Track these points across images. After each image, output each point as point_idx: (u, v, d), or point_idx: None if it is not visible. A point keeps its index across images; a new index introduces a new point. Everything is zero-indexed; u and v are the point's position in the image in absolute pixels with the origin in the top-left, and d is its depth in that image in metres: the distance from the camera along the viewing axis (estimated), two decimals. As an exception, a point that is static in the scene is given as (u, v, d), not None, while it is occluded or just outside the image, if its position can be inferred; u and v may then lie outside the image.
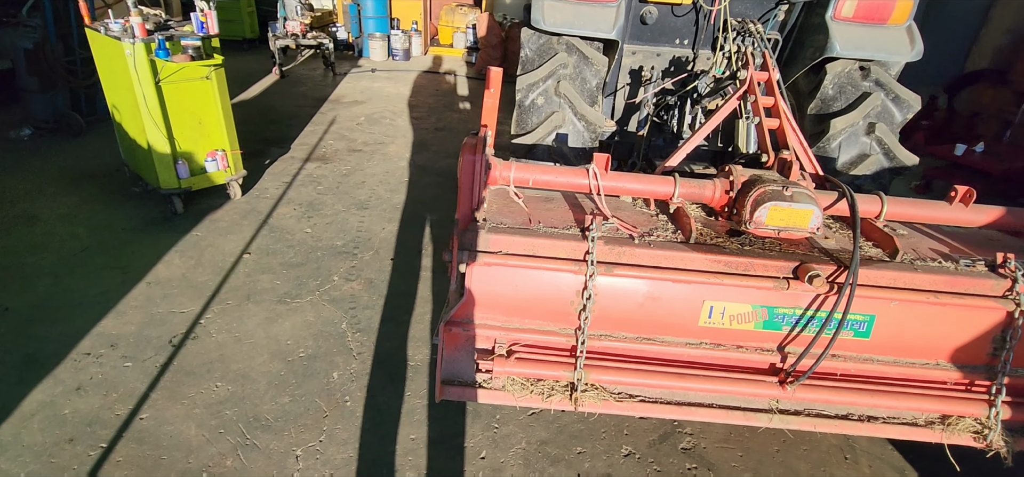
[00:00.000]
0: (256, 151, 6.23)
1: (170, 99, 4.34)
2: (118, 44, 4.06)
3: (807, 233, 2.17)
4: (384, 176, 5.88)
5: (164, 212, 4.80)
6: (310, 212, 5.02)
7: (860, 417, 2.25)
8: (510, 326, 2.24)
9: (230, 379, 3.08)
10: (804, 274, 2.03)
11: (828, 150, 3.28)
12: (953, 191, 2.32)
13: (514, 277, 2.18)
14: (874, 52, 3.21)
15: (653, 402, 2.28)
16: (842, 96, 3.35)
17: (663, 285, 2.14)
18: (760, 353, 2.21)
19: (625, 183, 2.35)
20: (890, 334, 2.16)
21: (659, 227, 2.32)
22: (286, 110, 7.93)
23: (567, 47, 3.34)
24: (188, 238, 4.46)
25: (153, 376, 3.07)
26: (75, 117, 6.50)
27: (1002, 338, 2.12)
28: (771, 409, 2.25)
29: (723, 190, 2.33)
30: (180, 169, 4.62)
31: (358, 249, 4.45)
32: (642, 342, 2.23)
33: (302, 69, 10.46)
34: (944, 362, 2.21)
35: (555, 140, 3.26)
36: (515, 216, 2.30)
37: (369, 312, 3.69)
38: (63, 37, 6.39)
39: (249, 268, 4.12)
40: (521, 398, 2.26)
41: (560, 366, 2.23)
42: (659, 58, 3.76)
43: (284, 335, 3.44)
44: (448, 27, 12.62)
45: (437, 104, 8.76)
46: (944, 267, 2.15)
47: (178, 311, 3.61)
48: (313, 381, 3.09)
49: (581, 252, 2.11)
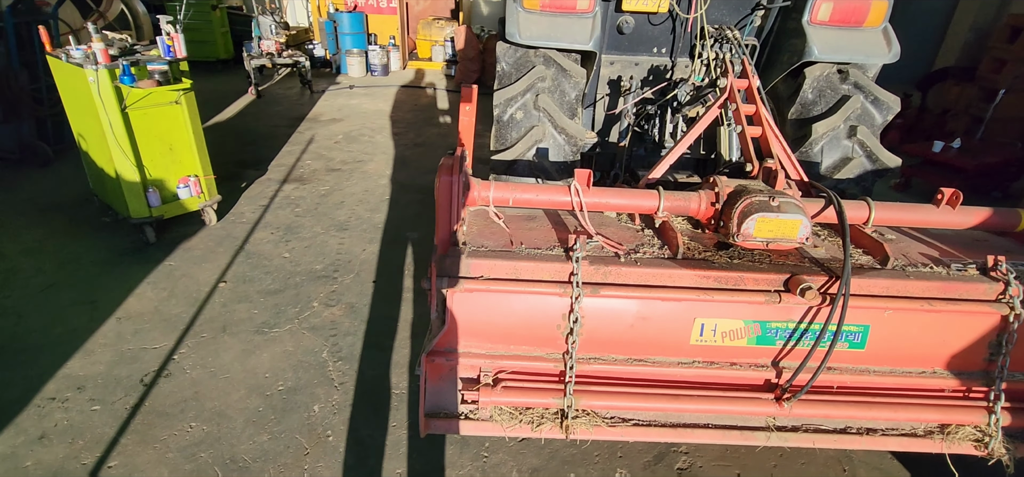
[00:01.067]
0: (232, 174, 6.07)
1: (138, 126, 4.19)
2: (81, 71, 3.91)
3: (796, 243, 2.11)
4: (363, 195, 5.77)
5: (136, 242, 4.63)
6: (288, 236, 4.88)
7: (858, 430, 2.19)
8: (495, 353, 2.15)
9: (205, 418, 2.93)
10: (796, 286, 1.97)
11: (810, 155, 3.25)
12: (940, 193, 2.29)
13: (497, 302, 2.09)
14: (851, 55, 3.20)
15: (647, 425, 2.20)
16: (822, 100, 3.34)
17: (652, 304, 2.07)
18: (754, 370, 2.14)
19: (608, 199, 2.28)
20: (885, 344, 2.11)
21: (645, 243, 2.26)
22: (262, 131, 7.78)
23: (544, 60, 3.28)
24: (161, 268, 4.29)
25: (123, 419, 2.91)
26: (42, 146, 6.28)
27: (998, 343, 2.08)
28: (768, 426, 2.18)
29: (709, 202, 2.27)
30: (151, 197, 4.46)
31: (338, 272, 4.32)
32: (633, 364, 2.15)
33: (279, 88, 10.30)
34: (941, 370, 2.16)
35: (536, 155, 3.19)
36: (496, 238, 2.22)
37: (351, 339, 3.56)
38: (28, 64, 6.18)
39: (225, 297, 3.97)
40: (509, 428, 2.16)
41: (549, 393, 2.14)
42: (638, 67, 3.72)
43: (262, 368, 3.30)
44: (426, 41, 12.56)
45: (416, 119, 8.67)
46: (936, 273, 2.11)
47: (150, 347, 3.45)
48: (293, 416, 2.96)
49: (566, 273, 2.03)
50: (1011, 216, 2.33)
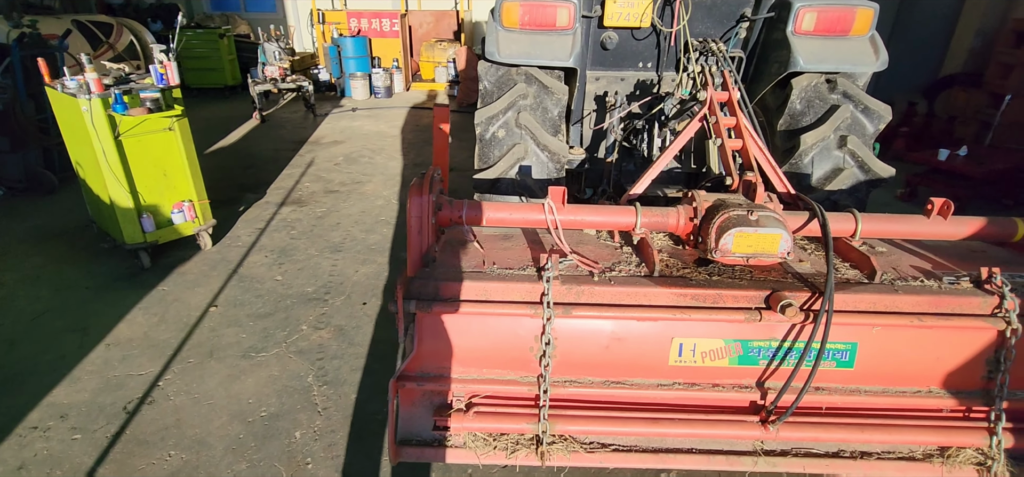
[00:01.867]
0: (231, 198, 6.12)
1: (131, 152, 4.23)
2: (75, 101, 3.97)
3: (778, 258, 2.03)
4: (360, 216, 5.76)
5: (131, 268, 4.66)
6: (282, 258, 4.87)
7: (852, 454, 2.08)
8: (467, 377, 2.08)
9: (185, 446, 2.89)
10: (776, 303, 1.88)
11: (800, 166, 3.17)
12: (929, 203, 2.19)
13: (468, 325, 2.03)
14: (838, 64, 3.13)
15: (627, 450, 2.10)
16: (810, 110, 3.26)
17: (627, 324, 2.00)
18: (738, 391, 2.04)
19: (583, 216, 2.22)
20: (875, 362, 2.01)
21: (622, 261, 2.19)
22: (264, 154, 7.86)
23: (526, 78, 3.25)
24: (153, 293, 4.30)
25: (102, 449, 2.88)
26: (48, 175, 6.40)
27: (995, 359, 1.97)
28: (755, 451, 2.08)
29: (687, 217, 2.20)
30: (145, 223, 4.49)
31: (329, 294, 4.29)
32: (610, 386, 2.07)
33: (283, 112, 10.44)
34: (937, 389, 2.04)
35: (519, 173, 3.14)
36: (468, 258, 2.17)
37: (337, 363, 3.51)
38: (34, 96, 6.33)
39: (214, 322, 3.96)
40: (484, 455, 2.08)
41: (523, 417, 2.06)
42: (623, 83, 3.68)
43: (246, 393, 3.26)
44: (429, 62, 12.69)
45: (417, 140, 8.71)
46: (926, 286, 2.01)
47: (136, 373, 3.43)
48: (273, 443, 2.91)
49: (536, 294, 1.97)
50: (1008, 226, 2.22)
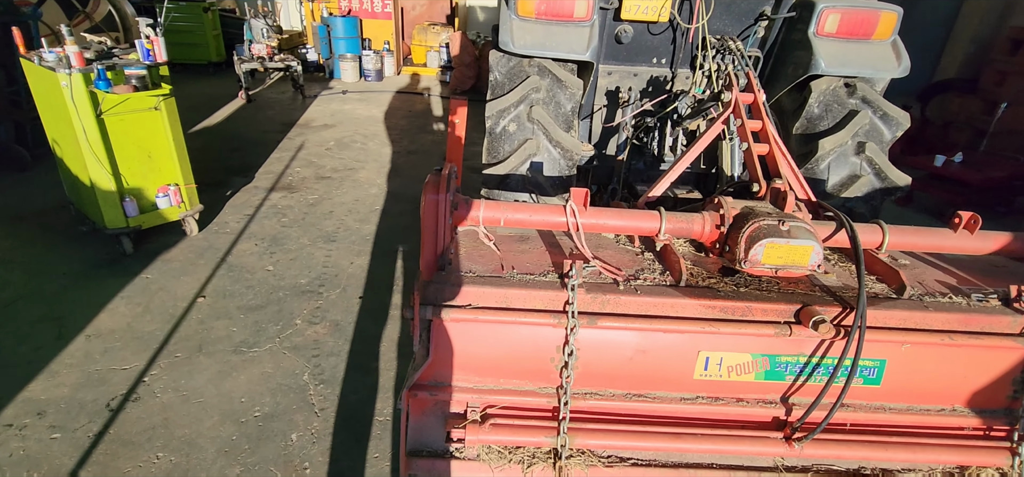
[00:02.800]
0: (217, 182, 5.89)
1: (114, 132, 4.01)
2: (53, 75, 3.73)
3: (808, 271, 1.96)
4: (353, 205, 5.60)
5: (111, 254, 4.44)
6: (273, 247, 4.70)
7: (873, 471, 2.04)
8: (483, 388, 1.98)
9: (173, 448, 2.75)
10: (808, 318, 1.82)
11: (816, 172, 3.11)
12: (957, 217, 2.15)
13: (486, 333, 1.93)
14: (860, 69, 3.07)
15: (647, 465, 2.03)
16: (829, 115, 3.20)
17: (653, 336, 1.91)
18: (762, 406, 1.98)
19: (606, 220, 2.12)
20: (902, 380, 1.96)
21: (645, 268, 2.10)
22: (251, 136, 7.61)
23: (539, 70, 3.12)
24: (136, 282, 4.11)
25: (84, 449, 2.72)
26: (20, 150, 6.09)
27: (1022, 380, 1.94)
28: (776, 467, 2.03)
29: (713, 225, 2.12)
30: (128, 206, 4.28)
31: (324, 287, 4.15)
32: (632, 399, 1.99)
33: (270, 92, 10.13)
34: (961, 407, 2.01)
35: (529, 169, 3.03)
36: (486, 262, 2.06)
37: (334, 360, 3.39)
38: (4, 66, 6.00)
39: (203, 314, 3.79)
40: (498, 469, 1.99)
41: (541, 430, 1.97)
42: (636, 78, 3.58)
43: (238, 391, 3.12)
44: (421, 46, 12.43)
45: (410, 126, 8.52)
46: (956, 303, 1.96)
47: (119, 368, 3.26)
48: (269, 445, 2.78)
49: (560, 302, 1.87)
50: (1033, 242, 2.19)
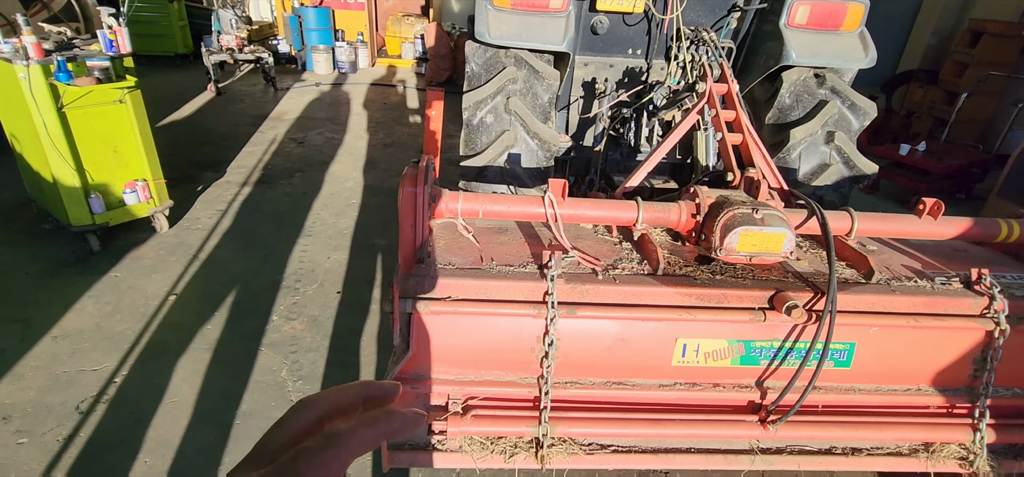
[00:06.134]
0: (187, 177, 5.74)
1: (77, 126, 3.87)
2: (10, 67, 3.57)
3: (780, 257, 2.01)
4: (329, 199, 5.52)
5: (78, 252, 4.30)
6: (247, 243, 4.61)
7: (843, 450, 2.11)
8: (464, 379, 1.98)
9: (148, 449, 2.68)
10: (781, 304, 1.87)
11: (788, 161, 3.19)
12: (921, 203, 2.22)
13: (467, 325, 1.93)
14: (829, 59, 3.15)
15: (627, 451, 2.07)
16: (799, 105, 3.28)
17: (632, 324, 1.94)
18: (738, 391, 2.03)
19: (585, 210, 2.14)
20: (871, 362, 2.03)
21: (623, 257, 2.12)
22: (222, 130, 7.42)
23: (516, 61, 3.12)
24: (105, 281, 3.99)
25: (54, 454, 2.64)
26: (-26, 146, 5.82)
27: (982, 358, 2.03)
28: (752, 449, 2.08)
29: (689, 214, 2.15)
30: (94, 203, 4.14)
31: (300, 283, 4.09)
32: (612, 387, 2.02)
33: (241, 85, 9.89)
34: (926, 387, 2.09)
35: (507, 161, 3.03)
36: (465, 254, 2.06)
37: (313, 356, 3.35)
38: (-43, 58, 5.72)
39: (175, 312, 3.70)
40: (481, 459, 2.01)
41: (522, 420, 1.99)
42: (612, 69, 3.60)
43: (214, 390, 3.06)
44: (395, 38, 12.27)
45: (386, 118, 8.41)
46: (921, 287, 2.04)
47: (89, 369, 3.16)
48: (247, 444, 2.72)
49: (540, 293, 1.89)
50: (991, 226, 2.28)
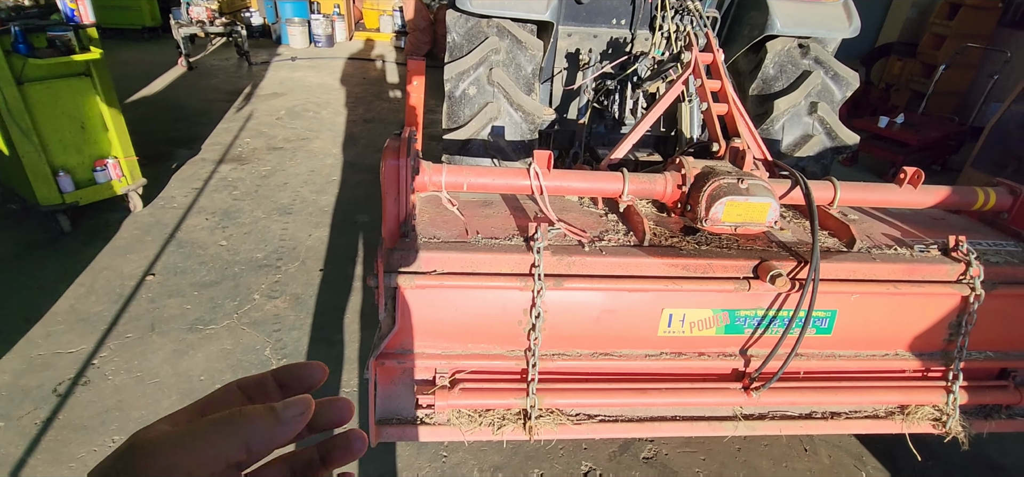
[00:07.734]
0: (161, 154, 5.57)
1: (39, 101, 3.71)
2: (-34, 39, 3.39)
3: (765, 227, 2.02)
4: (309, 176, 5.41)
5: (49, 232, 4.16)
6: (225, 221, 4.50)
7: (823, 415, 2.16)
8: (452, 353, 1.98)
9: (129, 430, 2.62)
10: (765, 273, 1.88)
11: (772, 132, 3.20)
12: (902, 173, 2.25)
13: (453, 298, 1.91)
14: (813, 29, 3.14)
15: (613, 421, 2.09)
16: (783, 75, 3.27)
17: (619, 295, 1.94)
18: (722, 359, 2.06)
19: (570, 182, 2.12)
20: (851, 328, 2.07)
21: (610, 229, 2.12)
22: (195, 106, 7.20)
23: (498, 31, 3.05)
24: (78, 261, 3.87)
25: (32, 436, 2.58)
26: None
27: (958, 323, 2.08)
28: (735, 416, 2.12)
29: (675, 185, 2.15)
30: (62, 182, 3.99)
31: (282, 261, 4.02)
32: (599, 358, 2.03)
33: (213, 59, 9.58)
34: (903, 351, 2.14)
35: (491, 133, 2.98)
36: (450, 227, 2.03)
37: (296, 334, 3.31)
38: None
39: (153, 292, 3.62)
40: (469, 432, 2.01)
41: (510, 393, 2.00)
42: (596, 40, 3.55)
43: (196, 370, 3.01)
44: (373, 10, 11.97)
45: (365, 93, 8.24)
46: (901, 255, 2.07)
47: (65, 351, 3.09)
48: (231, 423, 2.71)
49: (526, 265, 1.87)
50: (969, 194, 2.32)
